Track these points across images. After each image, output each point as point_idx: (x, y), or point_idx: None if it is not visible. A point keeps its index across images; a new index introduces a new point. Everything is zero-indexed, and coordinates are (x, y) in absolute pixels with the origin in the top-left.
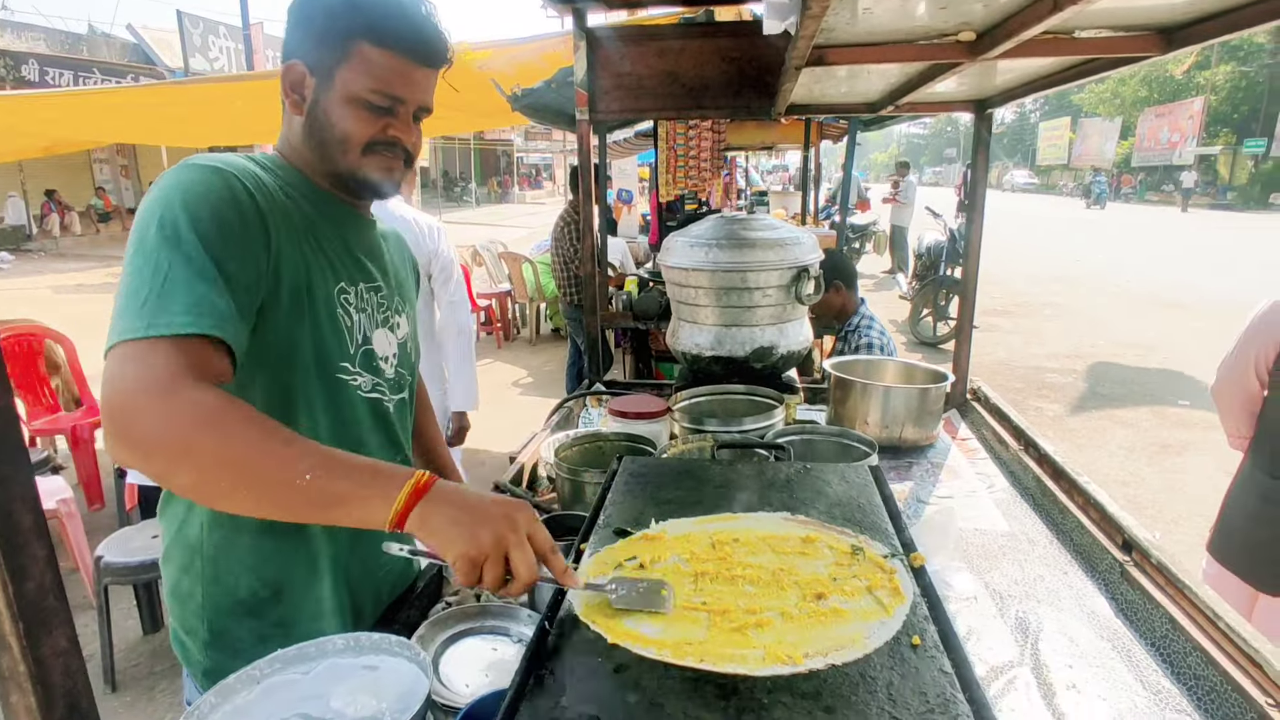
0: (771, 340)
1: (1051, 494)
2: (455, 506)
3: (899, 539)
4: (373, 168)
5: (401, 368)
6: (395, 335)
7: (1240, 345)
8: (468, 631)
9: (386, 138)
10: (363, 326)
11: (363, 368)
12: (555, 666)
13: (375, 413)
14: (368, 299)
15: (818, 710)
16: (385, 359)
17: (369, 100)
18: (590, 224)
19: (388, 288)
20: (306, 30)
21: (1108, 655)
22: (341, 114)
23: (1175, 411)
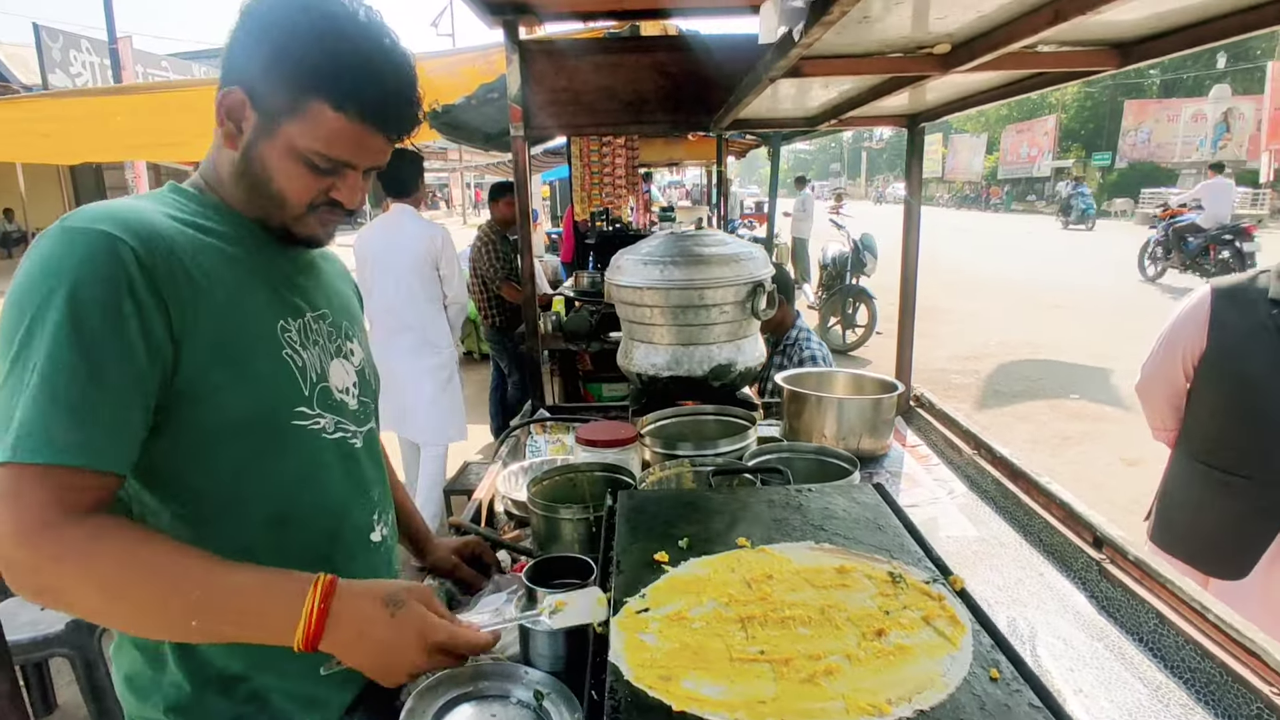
0: (729, 357)
1: (1013, 495)
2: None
3: (931, 560)
4: (308, 226)
5: (364, 396)
6: (352, 363)
7: (1166, 342)
8: (462, 698)
9: (328, 199)
10: (315, 362)
11: (322, 408)
12: None
13: (342, 454)
14: (316, 330)
15: None
16: (345, 391)
17: (313, 161)
18: (529, 243)
19: (335, 312)
20: (256, 60)
21: (1103, 656)
22: (281, 169)
23: (1069, 405)
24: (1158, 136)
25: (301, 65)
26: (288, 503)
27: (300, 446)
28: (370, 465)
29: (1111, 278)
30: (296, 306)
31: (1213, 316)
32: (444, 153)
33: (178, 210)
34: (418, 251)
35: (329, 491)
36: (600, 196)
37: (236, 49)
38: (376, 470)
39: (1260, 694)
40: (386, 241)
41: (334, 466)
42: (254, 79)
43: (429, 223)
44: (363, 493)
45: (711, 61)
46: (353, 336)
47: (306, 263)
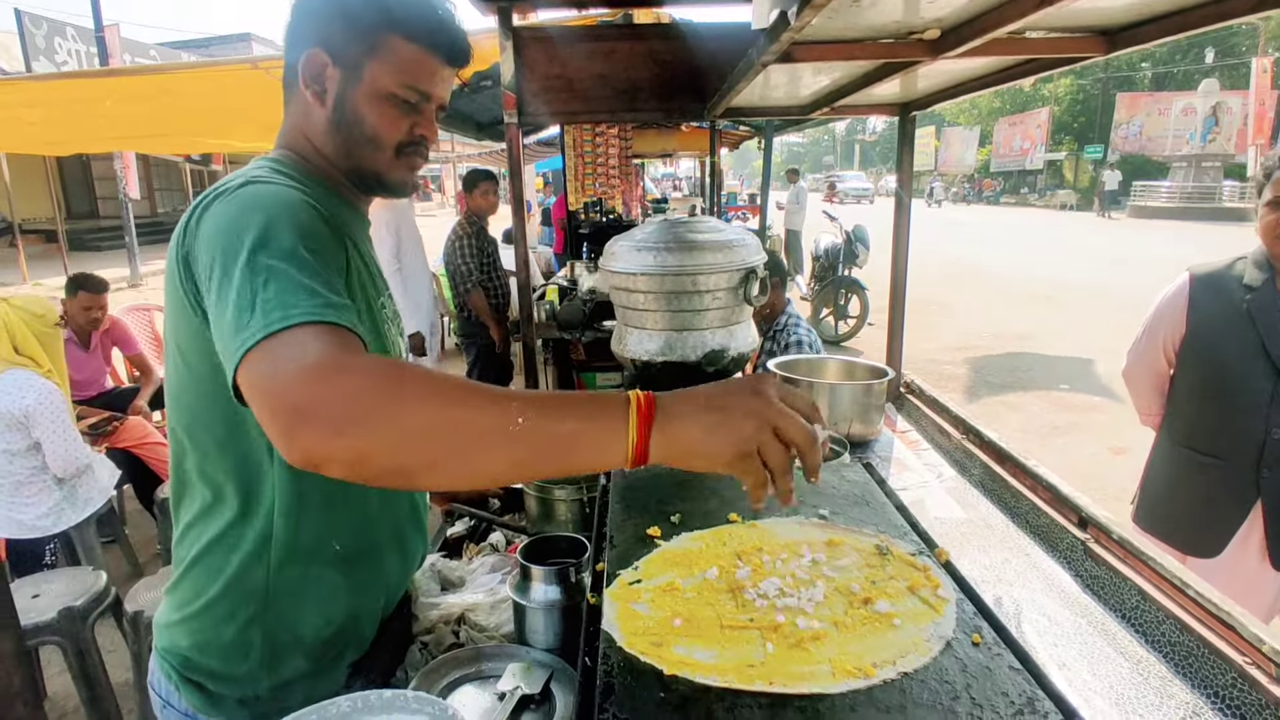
0: (722, 343)
1: (1000, 479)
2: (699, 412)
3: (916, 534)
4: (402, 169)
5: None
6: (404, 336)
7: (1148, 330)
8: (463, 679)
9: (414, 137)
10: (394, 341)
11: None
12: (614, 707)
13: None
14: (388, 308)
15: None
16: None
17: (401, 96)
18: (523, 232)
19: (389, 295)
20: (330, 17)
21: (1085, 631)
22: (371, 111)
23: (1058, 395)
24: (1149, 129)
25: (373, 7)
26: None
27: None
28: None
29: (1108, 274)
30: (380, 286)
31: (1191, 301)
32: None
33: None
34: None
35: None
36: (594, 187)
37: (301, 16)
38: None
39: (1234, 664)
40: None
41: None
42: (329, 35)
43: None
44: None
45: (704, 49)
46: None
47: (370, 246)
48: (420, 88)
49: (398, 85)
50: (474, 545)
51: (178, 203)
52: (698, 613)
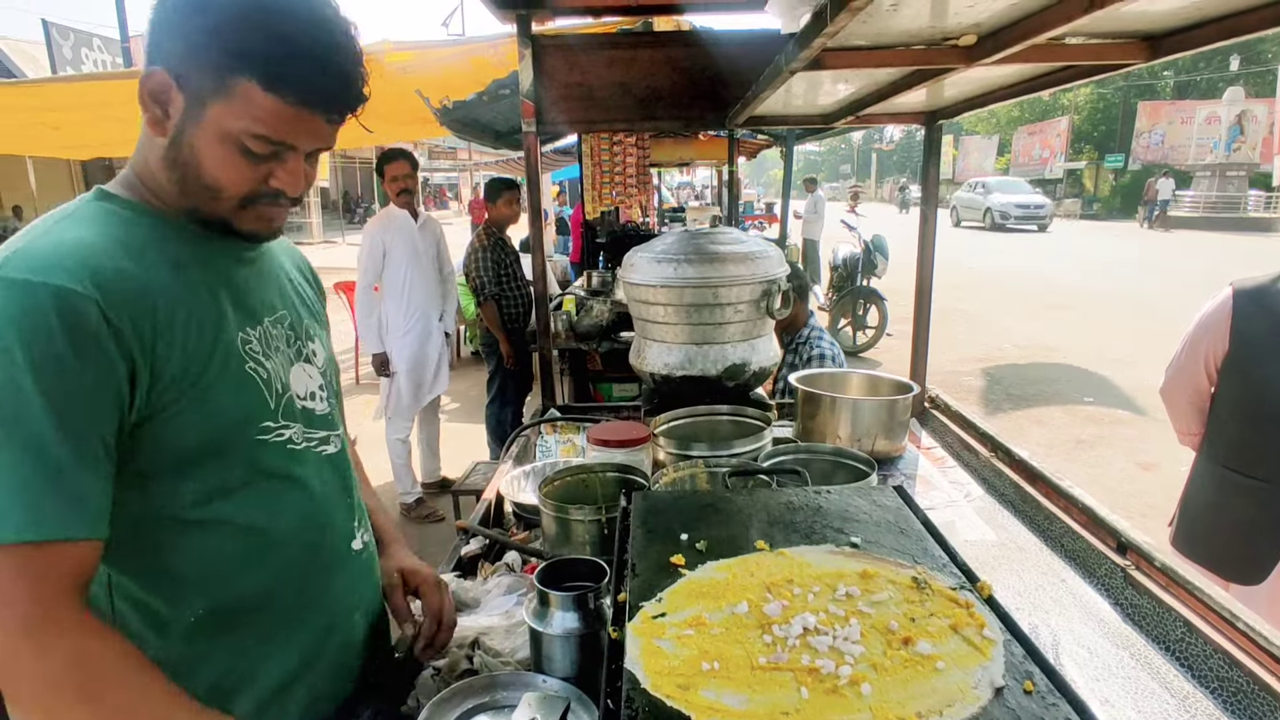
0: (743, 357)
1: (1032, 499)
2: None
3: (956, 566)
4: (249, 220)
5: (330, 399)
6: (315, 364)
7: (1189, 345)
8: (479, 708)
9: (268, 189)
10: (278, 372)
11: (288, 419)
12: None
13: (315, 464)
14: (275, 335)
15: None
16: (310, 396)
17: (247, 146)
18: (540, 241)
19: (293, 311)
20: (179, 38)
21: (1129, 665)
22: (212, 155)
23: (1083, 409)
24: (1171, 138)
25: (227, 42)
26: (263, 520)
27: (270, 462)
28: (345, 470)
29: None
30: (253, 312)
31: (1234, 318)
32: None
33: (119, 228)
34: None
35: (305, 505)
36: (611, 195)
37: (159, 26)
38: (350, 476)
39: None
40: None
41: (309, 478)
42: (178, 58)
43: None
44: (342, 500)
45: (726, 58)
46: (314, 335)
47: (255, 260)
48: (278, 139)
49: (247, 135)
50: (489, 564)
51: None
52: (726, 651)
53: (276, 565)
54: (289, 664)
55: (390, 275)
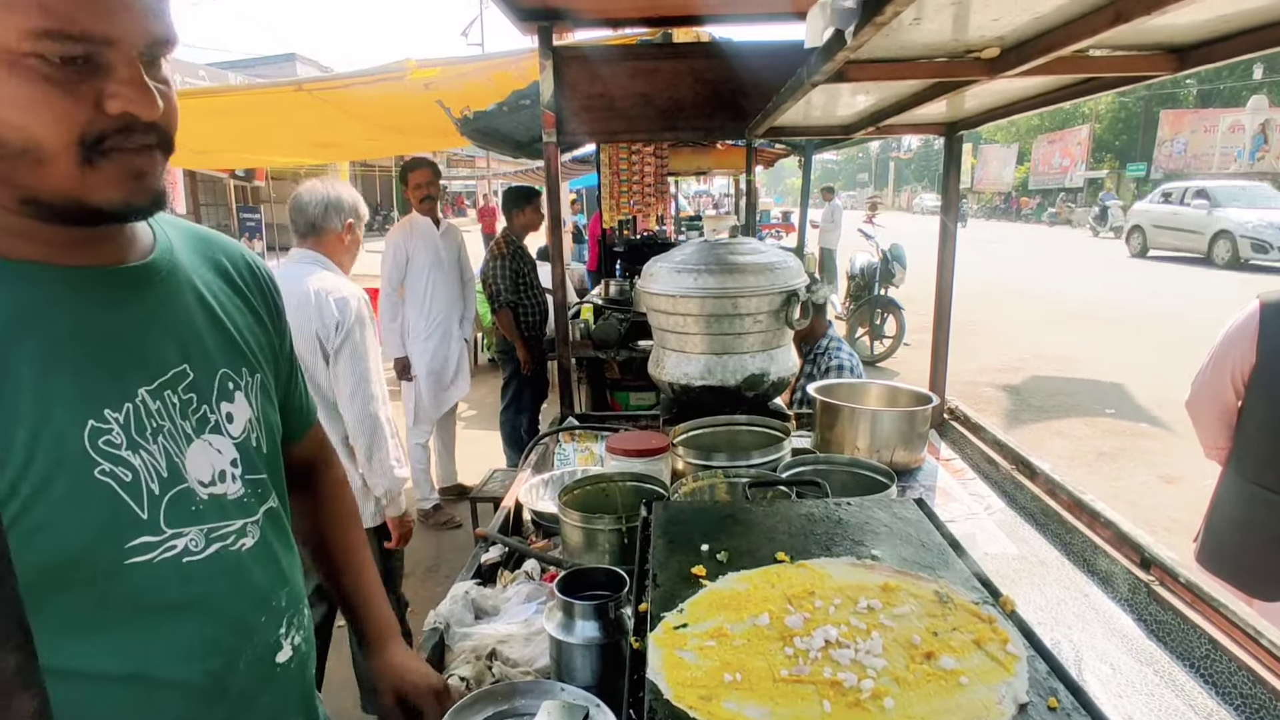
0: (762, 367)
1: (1053, 512)
2: None
3: (979, 580)
4: (107, 183)
5: (250, 472)
6: (227, 435)
7: (1215, 359)
8: (499, 716)
9: (109, 120)
10: (157, 465)
11: (180, 523)
12: None
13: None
14: (158, 411)
15: None
16: (217, 479)
17: (45, 56)
18: (559, 251)
19: (200, 364)
20: None
21: (1153, 682)
22: (6, 98)
23: (1105, 421)
24: (1194, 147)
25: None
26: (137, 665)
27: (147, 592)
28: (270, 565)
29: (1151, 291)
30: (120, 383)
31: (1262, 331)
32: (472, 160)
33: None
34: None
35: (206, 632)
36: (629, 204)
37: None
38: (279, 568)
39: None
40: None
41: (215, 594)
42: None
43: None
44: (265, 606)
45: (747, 69)
46: (234, 391)
47: (140, 301)
48: (76, 31)
49: (30, 38)
50: (508, 572)
51: (222, 217)
52: (748, 663)
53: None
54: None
55: (412, 281)
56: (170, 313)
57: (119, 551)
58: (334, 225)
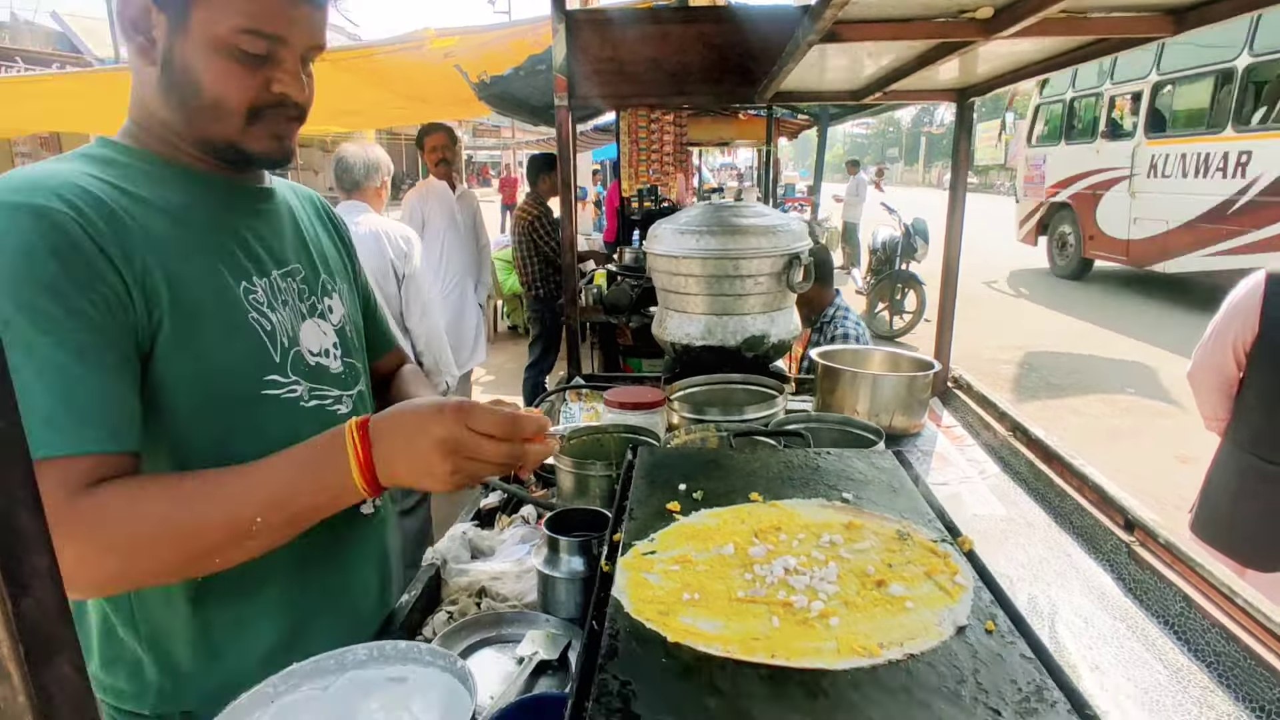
0: (763, 329)
1: (1046, 477)
2: (404, 452)
3: (942, 522)
4: (259, 139)
5: (348, 357)
6: (330, 321)
7: (1217, 330)
8: (484, 642)
9: (272, 97)
10: (286, 326)
11: (297, 374)
12: (614, 670)
13: (323, 423)
14: (285, 289)
15: (913, 706)
16: (323, 354)
17: (240, 46)
18: (571, 213)
19: (307, 267)
20: None
21: (1124, 636)
22: (207, 68)
23: (1124, 399)
24: None
25: None
26: None
27: (275, 418)
28: None
29: None
30: (260, 266)
31: (1267, 301)
32: (497, 130)
33: (110, 172)
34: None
35: None
36: (648, 173)
37: None
38: None
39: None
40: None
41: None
42: None
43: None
44: None
45: (756, 33)
46: (332, 291)
47: (269, 212)
48: (267, 31)
49: (234, 33)
50: (506, 517)
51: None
52: (708, 585)
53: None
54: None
55: (428, 244)
56: (286, 226)
57: (258, 383)
58: (374, 182)
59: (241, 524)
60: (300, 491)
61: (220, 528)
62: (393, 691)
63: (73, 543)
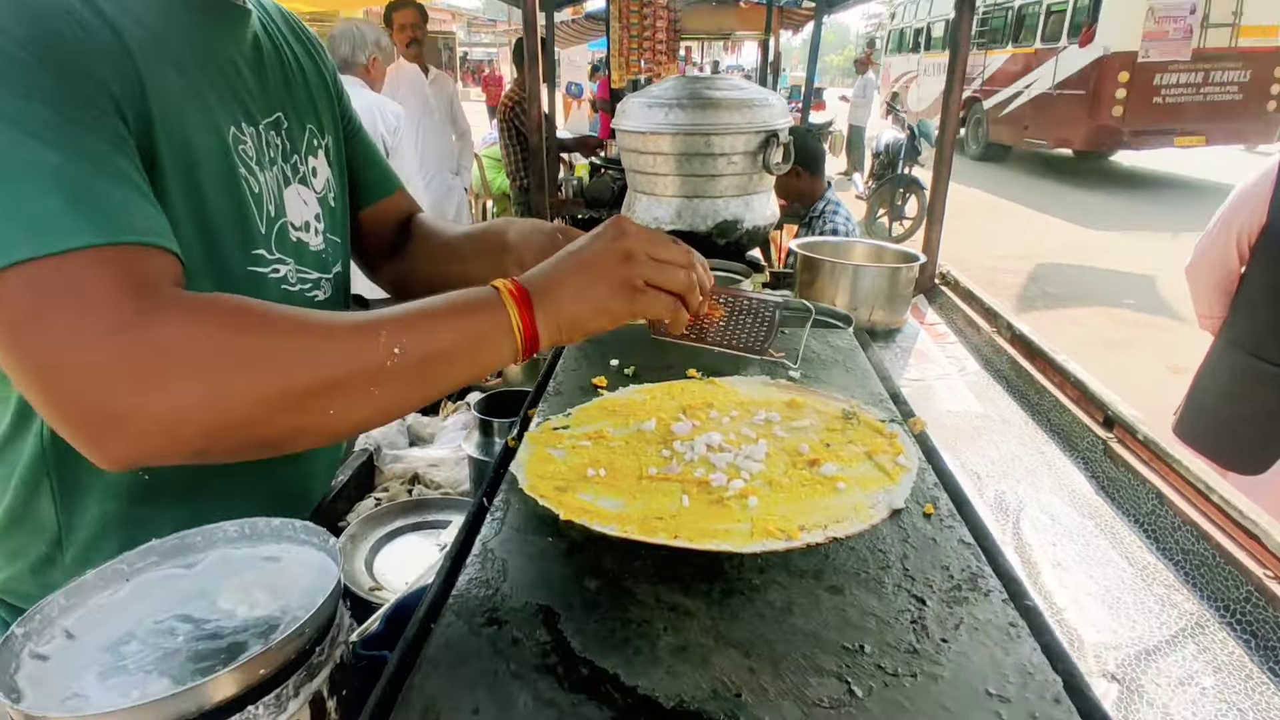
0: (736, 213)
1: (1027, 374)
2: (569, 279)
3: (895, 402)
4: None
5: (331, 234)
6: (312, 188)
7: (1222, 220)
8: (406, 528)
9: None
10: (273, 190)
11: (283, 251)
12: (495, 548)
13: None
14: (270, 143)
15: (820, 590)
16: (304, 228)
17: None
18: (536, 94)
19: (291, 117)
20: None
21: (1091, 533)
22: None
23: (1121, 312)
24: None
25: None
26: None
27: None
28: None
29: None
30: (246, 109)
31: (1277, 191)
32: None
33: None
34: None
35: None
36: (639, 64)
37: None
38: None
39: (1252, 576)
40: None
41: None
42: None
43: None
44: None
45: None
46: (317, 148)
47: (251, 40)
48: None
49: None
50: (450, 404)
51: None
52: (618, 461)
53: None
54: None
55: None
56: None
57: (245, 256)
58: (360, 58)
59: (376, 351)
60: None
61: (348, 353)
62: (262, 570)
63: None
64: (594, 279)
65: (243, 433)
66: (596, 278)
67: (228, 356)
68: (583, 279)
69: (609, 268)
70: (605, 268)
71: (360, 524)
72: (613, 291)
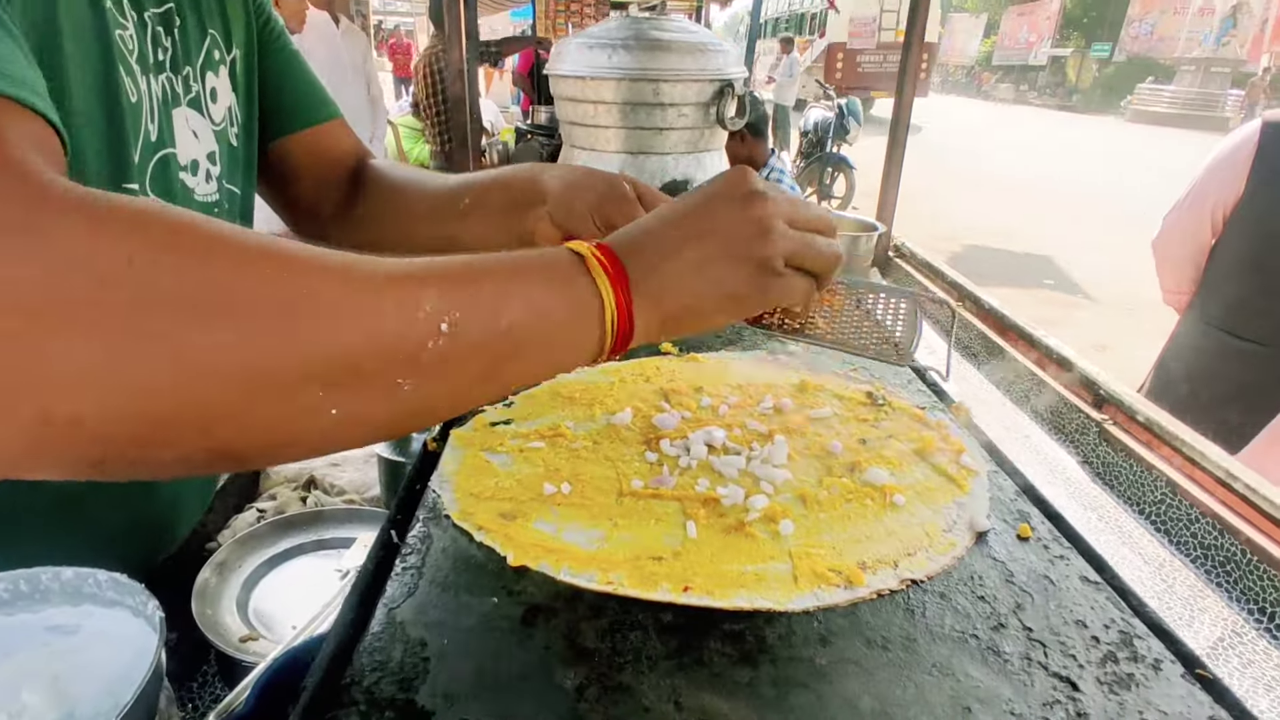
0: (686, 172)
1: (998, 349)
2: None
3: (925, 383)
4: None
5: (230, 182)
6: (208, 117)
7: (1196, 189)
8: (298, 549)
9: None
10: (156, 108)
11: (158, 191)
12: (408, 619)
13: None
14: (158, 41)
15: (921, 673)
16: (192, 168)
17: None
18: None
19: (188, 11)
20: None
21: (1096, 529)
22: None
23: (1042, 292)
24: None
25: None
26: None
27: None
28: None
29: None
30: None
31: (1260, 156)
32: None
33: None
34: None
35: None
36: (566, 28)
37: None
38: None
39: None
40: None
41: None
42: None
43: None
44: None
45: None
46: (219, 63)
47: None
48: None
49: None
50: None
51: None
52: (587, 470)
53: None
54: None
55: None
56: None
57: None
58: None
59: (416, 323)
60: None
61: (373, 320)
62: (47, 648)
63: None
64: (720, 256)
65: (189, 430)
66: (723, 255)
67: (182, 300)
68: (703, 254)
69: (742, 241)
70: (738, 241)
71: (233, 547)
72: (747, 276)
